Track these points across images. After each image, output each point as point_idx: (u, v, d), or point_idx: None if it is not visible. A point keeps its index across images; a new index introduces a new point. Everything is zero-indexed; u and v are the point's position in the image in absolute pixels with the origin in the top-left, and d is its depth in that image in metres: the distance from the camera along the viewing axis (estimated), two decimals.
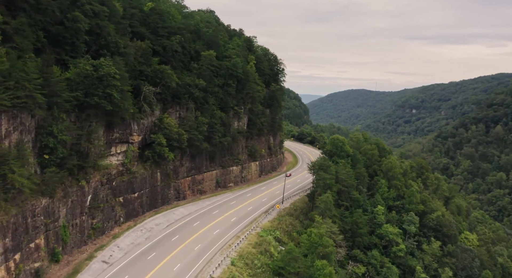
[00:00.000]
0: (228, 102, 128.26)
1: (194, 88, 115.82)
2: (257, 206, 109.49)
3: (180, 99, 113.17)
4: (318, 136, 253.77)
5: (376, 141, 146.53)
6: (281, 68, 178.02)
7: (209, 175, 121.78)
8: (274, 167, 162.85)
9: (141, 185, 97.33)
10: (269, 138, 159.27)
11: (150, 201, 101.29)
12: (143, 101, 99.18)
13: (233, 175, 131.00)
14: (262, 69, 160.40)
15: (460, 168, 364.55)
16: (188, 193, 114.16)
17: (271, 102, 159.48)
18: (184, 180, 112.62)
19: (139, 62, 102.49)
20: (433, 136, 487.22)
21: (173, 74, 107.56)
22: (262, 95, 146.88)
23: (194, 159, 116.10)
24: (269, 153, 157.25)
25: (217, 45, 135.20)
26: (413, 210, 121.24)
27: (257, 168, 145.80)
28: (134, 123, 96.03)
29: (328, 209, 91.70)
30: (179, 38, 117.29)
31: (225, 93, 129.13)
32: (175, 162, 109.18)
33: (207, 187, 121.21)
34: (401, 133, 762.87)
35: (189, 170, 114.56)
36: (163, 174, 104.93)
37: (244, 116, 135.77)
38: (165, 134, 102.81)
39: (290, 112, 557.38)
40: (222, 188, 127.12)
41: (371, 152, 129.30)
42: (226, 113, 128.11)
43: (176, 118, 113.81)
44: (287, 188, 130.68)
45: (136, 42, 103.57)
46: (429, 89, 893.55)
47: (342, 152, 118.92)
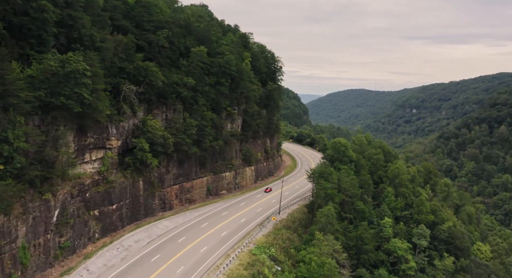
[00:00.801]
0: (220, 103, 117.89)
1: (182, 87, 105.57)
2: (251, 217, 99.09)
3: (167, 99, 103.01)
4: (317, 137, 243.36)
5: (380, 143, 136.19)
6: (278, 66, 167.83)
7: (199, 182, 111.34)
8: (271, 172, 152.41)
9: (120, 195, 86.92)
10: (266, 141, 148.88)
11: (131, 213, 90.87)
12: (123, 102, 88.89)
13: (225, 181, 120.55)
14: (258, 67, 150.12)
15: (464, 170, 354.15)
16: (175, 202, 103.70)
17: (268, 103, 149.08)
18: (170, 189, 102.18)
19: (120, 59, 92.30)
20: (435, 137, 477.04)
21: (158, 71, 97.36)
22: (258, 95, 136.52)
23: (182, 165, 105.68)
24: (265, 157, 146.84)
25: (209, 41, 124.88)
26: (423, 220, 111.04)
27: (253, 173, 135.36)
28: (112, 127, 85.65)
29: (330, 223, 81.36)
30: (166, 32, 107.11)
31: (217, 92, 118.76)
32: (160, 168, 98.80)
33: (196, 195, 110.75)
34: (402, 134, 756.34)
35: (177, 177, 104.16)
36: (146, 182, 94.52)
37: (238, 117, 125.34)
38: (148, 138, 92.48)
39: (289, 112, 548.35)
40: (213, 196, 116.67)
41: (376, 157, 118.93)
42: (218, 114, 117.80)
43: (162, 120, 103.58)
44: (284, 195, 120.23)
45: (116, 36, 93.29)
46: (429, 89, 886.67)
47: (345, 157, 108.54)
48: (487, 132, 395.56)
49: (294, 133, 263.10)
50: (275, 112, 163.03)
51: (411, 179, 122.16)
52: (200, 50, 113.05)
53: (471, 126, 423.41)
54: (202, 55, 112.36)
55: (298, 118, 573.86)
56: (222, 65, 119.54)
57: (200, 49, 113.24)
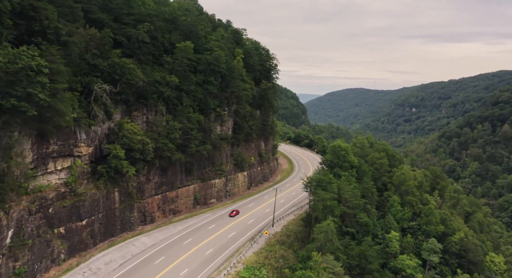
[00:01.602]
0: (208, 103, 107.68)
1: (164, 87, 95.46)
2: (241, 231, 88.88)
3: (148, 100, 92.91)
4: (316, 139, 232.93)
5: (384, 146, 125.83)
6: (274, 64, 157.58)
7: (184, 190, 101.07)
8: (266, 177, 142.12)
9: (91, 209, 76.72)
10: (260, 143, 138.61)
11: (105, 229, 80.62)
12: (94, 103, 78.62)
13: (215, 189, 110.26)
14: (252, 65, 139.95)
15: (467, 170, 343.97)
16: (157, 214, 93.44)
17: (262, 102, 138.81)
18: (152, 199, 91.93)
19: (93, 55, 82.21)
20: (437, 136, 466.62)
21: (136, 69, 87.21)
22: (251, 94, 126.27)
23: (165, 173, 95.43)
24: (259, 161, 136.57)
25: (196, 36, 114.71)
26: (432, 232, 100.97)
27: (245, 179, 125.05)
28: (80, 132, 75.44)
29: (329, 240, 71.18)
30: (148, 26, 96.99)
31: (205, 92, 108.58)
32: (140, 177, 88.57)
33: (182, 205, 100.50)
34: (401, 133, 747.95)
35: (159, 186, 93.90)
36: (123, 193, 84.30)
37: (228, 119, 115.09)
38: (125, 144, 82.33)
39: (288, 112, 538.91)
40: (201, 205, 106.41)
41: (379, 162, 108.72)
42: (206, 116, 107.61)
43: (143, 123, 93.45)
44: (279, 204, 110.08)
45: (89, 30, 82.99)
46: (429, 87, 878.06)
47: (345, 162, 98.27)
48: (490, 131, 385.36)
49: (292, 134, 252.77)
50: (270, 113, 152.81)
51: (418, 185, 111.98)
52: (186, 46, 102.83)
53: (474, 125, 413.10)
54: (188, 51, 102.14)
55: (297, 118, 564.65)
56: (210, 62, 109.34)
57: (186, 45, 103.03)
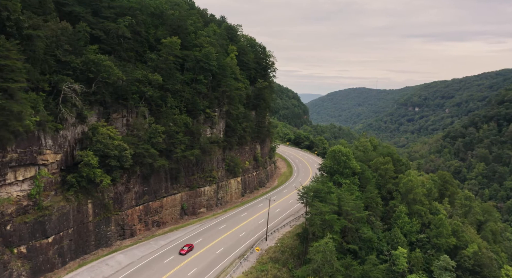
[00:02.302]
0: (197, 104, 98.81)
1: (146, 86, 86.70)
2: (231, 246, 79.88)
3: (128, 100, 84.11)
4: (316, 140, 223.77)
5: (388, 149, 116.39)
6: (270, 62, 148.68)
7: (170, 200, 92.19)
8: (262, 182, 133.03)
9: (59, 224, 68.02)
10: (255, 147, 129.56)
11: (76, 246, 71.86)
12: (63, 105, 69.82)
13: (205, 197, 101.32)
14: (246, 63, 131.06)
15: (473, 172, 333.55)
16: (138, 227, 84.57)
17: (257, 103, 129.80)
18: (132, 211, 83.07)
19: (65, 51, 73.52)
20: (441, 136, 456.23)
21: (113, 66, 78.42)
22: (245, 94, 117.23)
23: (147, 181, 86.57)
24: (255, 165, 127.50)
25: (185, 31, 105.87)
26: (443, 245, 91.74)
27: (239, 185, 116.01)
28: (46, 137, 66.76)
29: (328, 262, 62.22)
30: (129, 20, 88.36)
31: (194, 92, 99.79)
32: (118, 186, 79.74)
33: (167, 216, 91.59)
34: (404, 133, 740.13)
35: (140, 196, 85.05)
36: (97, 205, 75.50)
37: (219, 121, 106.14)
38: (99, 150, 73.50)
39: (289, 113, 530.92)
40: (189, 215, 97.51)
41: (384, 167, 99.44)
42: (194, 118, 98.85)
43: (123, 126, 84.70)
44: (275, 213, 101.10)
45: (59, 24, 74.44)
46: (432, 86, 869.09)
47: (346, 168, 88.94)
48: (496, 131, 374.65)
49: (292, 135, 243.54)
50: (267, 114, 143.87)
51: (427, 192, 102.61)
52: (172, 42, 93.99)
53: (479, 124, 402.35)
54: (174, 47, 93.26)
55: (298, 118, 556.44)
56: (199, 59, 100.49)
57: (172, 40, 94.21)
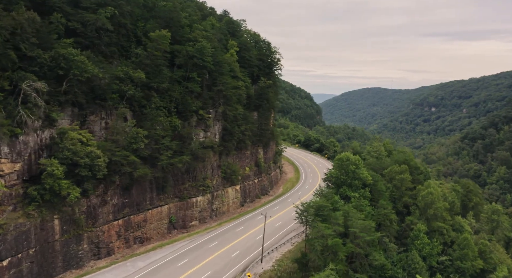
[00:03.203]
0: (188, 105, 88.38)
1: (128, 84, 76.61)
2: (220, 269, 68.96)
3: (106, 101, 74.10)
4: (327, 142, 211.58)
5: (404, 155, 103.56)
6: (276, 59, 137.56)
7: (156, 212, 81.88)
8: (265, 190, 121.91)
9: (17, 244, 58.33)
10: (257, 151, 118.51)
11: (39, 269, 62.02)
12: (22, 106, 60.03)
13: (197, 209, 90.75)
14: (249, 60, 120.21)
15: (494, 175, 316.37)
16: (117, 244, 74.40)
17: (260, 103, 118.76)
18: (109, 226, 72.93)
19: (32, 44, 63.94)
20: (459, 138, 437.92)
21: (86, 62, 68.50)
22: (245, 93, 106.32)
23: (128, 192, 76.38)
24: (256, 172, 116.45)
25: (177, 24, 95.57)
26: (468, 269, 79.46)
27: (238, 194, 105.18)
28: (1, 143, 56.94)
29: None
30: (111, 11, 78.37)
31: (185, 91, 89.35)
32: (91, 199, 69.68)
33: (152, 231, 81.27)
34: (420, 133, 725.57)
35: (120, 209, 74.90)
36: (65, 220, 65.60)
37: (214, 123, 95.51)
38: (66, 157, 63.53)
39: (301, 113, 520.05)
40: (179, 229, 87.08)
41: (399, 177, 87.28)
42: (185, 120, 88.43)
43: (101, 129, 74.72)
44: (275, 227, 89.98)
45: (26, 14, 64.88)
46: (449, 86, 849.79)
47: (356, 179, 76.94)
48: None
49: (302, 137, 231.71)
50: (271, 115, 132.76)
51: (450, 206, 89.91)
52: (161, 35, 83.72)
53: (499, 125, 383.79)
54: (160, 40, 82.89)
55: (311, 118, 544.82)
56: (191, 54, 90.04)
57: (161, 34, 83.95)
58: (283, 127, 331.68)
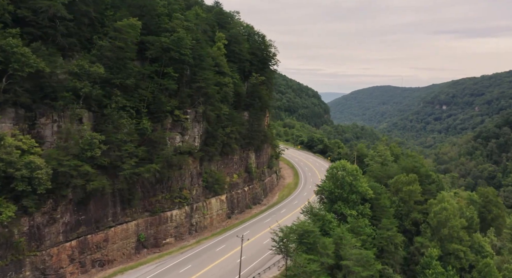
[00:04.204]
0: (162, 104, 76.49)
1: (84, 81, 65.09)
2: None
3: (57, 100, 62.67)
4: (331, 144, 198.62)
5: (414, 160, 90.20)
6: (271, 53, 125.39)
7: (120, 230, 70.24)
8: (258, 198, 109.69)
9: None
10: (248, 155, 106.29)
11: None
12: None
13: (172, 224, 78.91)
14: (239, 54, 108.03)
15: (509, 177, 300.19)
16: (69, 270, 62.81)
17: (252, 102, 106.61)
18: (59, 248, 61.41)
19: None
20: (472, 137, 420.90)
21: (28, 54, 57.26)
22: (232, 90, 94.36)
23: (84, 207, 64.82)
24: (247, 179, 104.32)
25: (152, 13, 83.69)
26: None
27: (223, 205, 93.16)
28: None
29: None
30: None
31: (159, 88, 77.59)
32: (34, 217, 58.20)
33: (116, 252, 69.60)
34: (431, 132, 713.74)
35: (73, 228, 63.35)
36: (1, 244, 54.13)
37: (193, 125, 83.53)
38: None
39: (308, 112, 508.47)
40: (151, 248, 75.32)
41: (407, 189, 74.22)
42: (158, 121, 76.67)
43: (53, 134, 63.31)
44: (262, 246, 77.63)
45: None
46: (460, 83, 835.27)
47: (353, 193, 64.18)
48: None
49: (305, 138, 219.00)
50: (266, 115, 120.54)
51: (468, 223, 76.43)
52: (126, 25, 72.01)
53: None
54: (125, 30, 71.15)
55: (318, 117, 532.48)
56: (166, 47, 78.29)
57: (129, 23, 72.34)
58: (289, 127, 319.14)
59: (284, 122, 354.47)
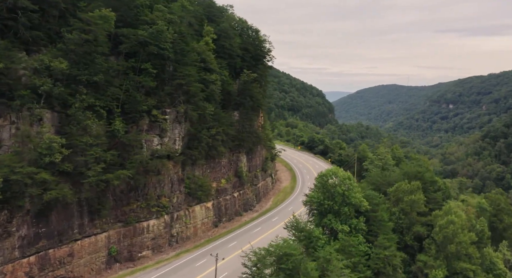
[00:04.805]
0: (137, 103, 69.29)
1: (44, 77, 58.25)
2: None
3: (14, 99, 55.88)
4: (332, 144, 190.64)
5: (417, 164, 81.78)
6: (266, 49, 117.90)
7: (88, 243, 63.18)
8: (249, 204, 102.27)
9: None
10: (239, 158, 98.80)
11: None
12: None
13: (149, 235, 71.72)
14: (230, 49, 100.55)
15: None
16: None
17: (242, 100, 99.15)
18: (14, 266, 54.45)
19: None
20: (480, 136, 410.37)
21: None
22: (219, 88, 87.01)
23: (45, 218, 57.81)
24: (237, 184, 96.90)
25: (130, 3, 76.65)
26: None
27: (209, 213, 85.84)
28: None
29: None
30: None
31: (135, 86, 70.46)
32: None
33: (83, 268, 62.53)
34: (438, 131, 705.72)
35: (32, 242, 56.36)
36: None
37: (173, 126, 76.25)
38: None
39: (312, 111, 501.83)
40: (124, 262, 68.20)
41: (409, 198, 66.03)
42: (133, 122, 69.57)
43: (11, 137, 56.43)
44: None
45: None
46: (467, 82, 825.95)
47: (346, 205, 56.17)
48: None
49: (305, 138, 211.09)
50: (258, 115, 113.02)
51: (478, 237, 68.11)
52: (97, 16, 64.96)
53: None
54: (94, 21, 64.05)
55: (322, 117, 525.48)
56: (142, 40, 71.15)
57: (97, 14, 65.20)
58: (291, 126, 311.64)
59: (286, 122, 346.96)
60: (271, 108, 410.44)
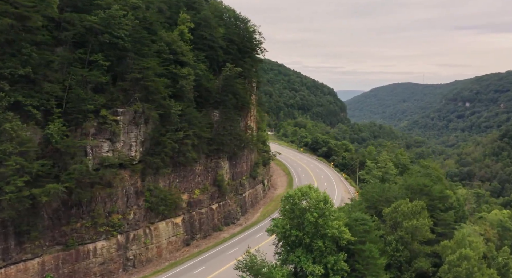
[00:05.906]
0: (82, 102, 57.48)
1: None
2: None
3: None
4: (337, 146, 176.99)
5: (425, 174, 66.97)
6: (256, 41, 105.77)
7: (15, 271, 51.66)
8: (232, 218, 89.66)
9: None
10: (218, 165, 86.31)
11: None
12: None
13: (97, 259, 59.95)
14: (210, 40, 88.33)
15: None
16: None
17: (224, 98, 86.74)
18: None
19: None
20: (498, 136, 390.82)
21: None
22: (190, 84, 74.89)
23: None
24: (215, 194, 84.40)
25: None
26: None
27: (178, 230, 73.54)
28: None
29: None
30: None
31: (79, 82, 58.76)
32: None
33: None
34: (454, 130, 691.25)
35: None
36: None
37: (128, 129, 64.28)
38: None
39: (323, 110, 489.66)
40: None
41: (410, 224, 51.49)
42: (76, 125, 57.88)
43: None
44: None
45: None
46: (484, 79, 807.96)
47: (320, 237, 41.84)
48: None
49: (309, 139, 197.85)
50: (246, 114, 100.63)
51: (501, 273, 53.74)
52: None
53: None
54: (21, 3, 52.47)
55: (334, 116, 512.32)
56: (89, 26, 59.49)
57: None
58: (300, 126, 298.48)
59: (295, 121, 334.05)
60: (280, 107, 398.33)
